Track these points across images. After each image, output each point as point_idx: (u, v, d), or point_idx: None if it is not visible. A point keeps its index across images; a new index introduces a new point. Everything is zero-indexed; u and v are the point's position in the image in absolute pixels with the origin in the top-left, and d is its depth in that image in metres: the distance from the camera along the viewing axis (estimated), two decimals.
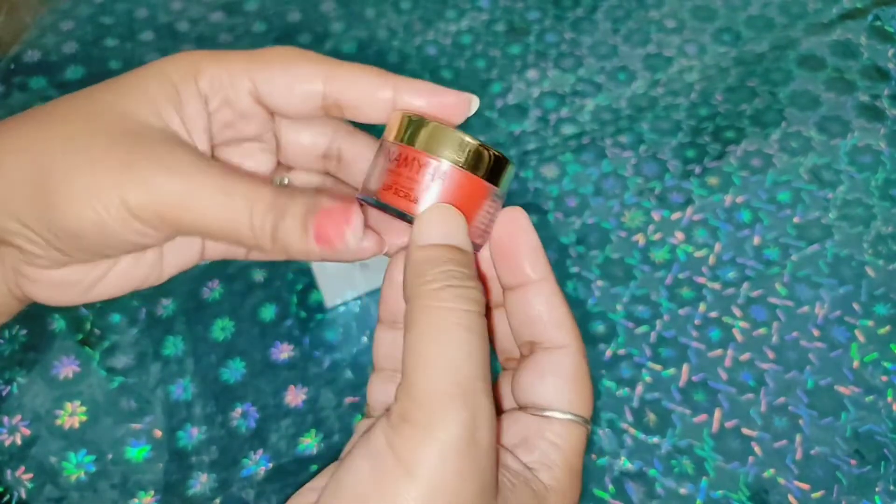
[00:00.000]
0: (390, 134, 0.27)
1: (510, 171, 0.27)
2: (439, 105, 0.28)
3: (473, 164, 0.26)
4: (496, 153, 0.27)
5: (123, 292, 0.30)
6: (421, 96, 0.27)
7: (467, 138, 0.26)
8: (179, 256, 0.31)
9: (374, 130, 0.31)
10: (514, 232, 0.28)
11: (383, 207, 0.27)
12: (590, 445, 0.49)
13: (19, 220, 0.26)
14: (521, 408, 0.28)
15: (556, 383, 0.27)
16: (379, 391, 0.30)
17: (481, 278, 0.29)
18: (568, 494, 0.26)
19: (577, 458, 0.26)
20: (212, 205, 0.25)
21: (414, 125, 0.27)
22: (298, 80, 0.27)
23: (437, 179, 0.26)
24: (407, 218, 0.27)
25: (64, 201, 0.25)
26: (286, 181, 0.32)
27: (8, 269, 0.29)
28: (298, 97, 0.28)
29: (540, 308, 0.27)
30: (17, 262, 0.28)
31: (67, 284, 0.29)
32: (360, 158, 0.30)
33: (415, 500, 0.21)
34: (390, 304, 0.29)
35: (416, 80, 0.28)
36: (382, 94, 0.27)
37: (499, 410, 0.30)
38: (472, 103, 0.28)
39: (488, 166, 0.27)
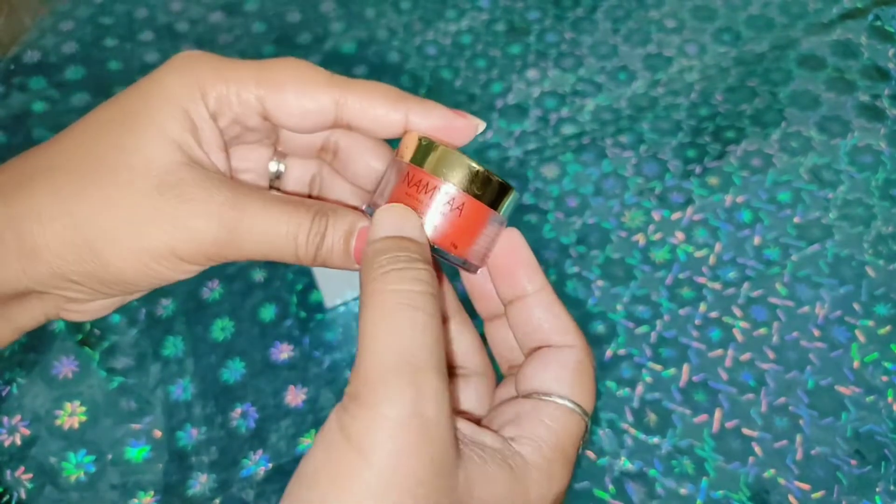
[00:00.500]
0: (403, 154, 0.28)
1: (513, 198, 0.29)
2: (448, 127, 0.29)
3: (479, 189, 0.28)
4: (500, 181, 0.28)
5: (149, 291, 0.32)
6: (430, 118, 0.28)
7: (475, 165, 0.28)
8: None
9: None
10: (511, 250, 0.29)
11: None
12: (590, 445, 0.49)
13: (67, 279, 0.27)
14: (523, 396, 0.28)
15: (557, 372, 0.27)
16: None
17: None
18: (556, 478, 0.26)
19: (571, 445, 0.27)
20: (256, 240, 0.27)
21: (425, 148, 0.28)
22: (310, 104, 0.28)
23: (444, 202, 0.27)
24: None
25: (115, 261, 0.26)
26: (282, 168, 0.32)
27: (50, 307, 0.30)
28: (310, 121, 0.28)
29: (541, 317, 0.28)
30: (61, 301, 0.29)
31: (106, 308, 0.31)
32: (356, 153, 0.31)
33: (367, 478, 0.22)
34: None
35: (426, 102, 0.28)
36: (393, 117, 0.28)
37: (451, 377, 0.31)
38: (479, 127, 0.29)
39: (493, 193, 0.28)
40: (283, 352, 0.53)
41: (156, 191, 0.26)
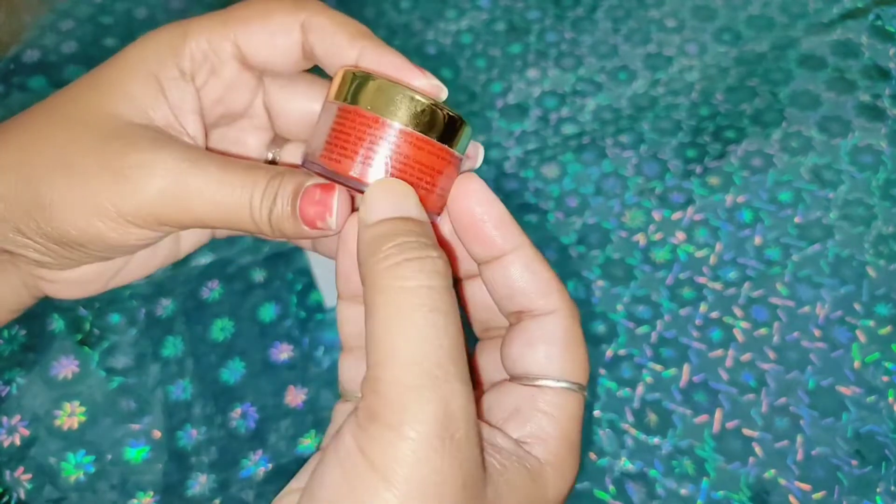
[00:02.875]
0: (332, 93, 0.25)
1: (466, 132, 0.25)
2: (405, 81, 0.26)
3: (426, 124, 0.24)
4: (451, 113, 0.24)
5: (146, 276, 0.31)
6: (387, 68, 0.26)
7: (418, 96, 0.24)
8: (195, 234, 0.32)
9: None
10: (475, 202, 0.25)
11: (329, 175, 0.25)
12: (590, 446, 0.49)
13: (22, 233, 0.26)
14: (513, 379, 0.26)
15: (546, 350, 0.25)
16: (351, 372, 0.28)
17: (445, 248, 0.27)
18: (566, 468, 0.24)
19: (573, 428, 0.25)
20: (207, 203, 0.25)
21: (359, 82, 0.24)
22: (278, 31, 0.27)
23: (385, 143, 0.24)
24: (356, 186, 0.24)
25: (59, 215, 0.25)
26: (274, 156, 0.31)
27: (24, 273, 0.29)
28: (280, 49, 0.27)
29: (520, 278, 0.25)
30: (31, 266, 0.29)
31: (86, 282, 0.29)
32: (287, 96, 0.30)
33: None
34: (348, 276, 0.27)
35: (391, 52, 0.26)
36: (349, 55, 0.26)
37: (476, 385, 0.28)
38: (442, 93, 0.27)
39: (443, 127, 0.24)
40: (282, 352, 0.53)
41: (106, 143, 0.25)
